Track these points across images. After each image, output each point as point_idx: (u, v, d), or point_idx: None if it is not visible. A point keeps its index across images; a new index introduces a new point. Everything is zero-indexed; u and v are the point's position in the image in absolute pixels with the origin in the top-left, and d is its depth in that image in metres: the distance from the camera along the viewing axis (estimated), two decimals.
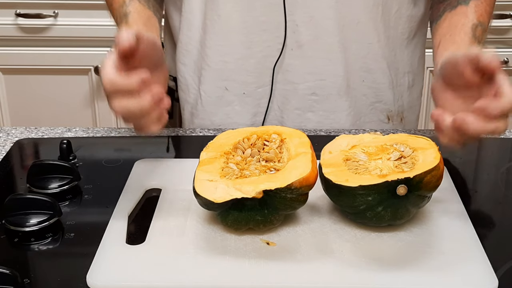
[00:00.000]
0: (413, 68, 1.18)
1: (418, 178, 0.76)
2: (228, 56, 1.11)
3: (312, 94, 1.13)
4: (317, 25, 1.08)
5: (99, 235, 0.80)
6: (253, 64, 1.11)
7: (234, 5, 1.08)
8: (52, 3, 2.03)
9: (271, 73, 1.11)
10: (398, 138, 0.87)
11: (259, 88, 1.13)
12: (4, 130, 1.13)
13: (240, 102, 1.14)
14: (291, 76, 1.12)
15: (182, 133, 1.14)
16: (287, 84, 1.12)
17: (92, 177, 0.96)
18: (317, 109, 1.14)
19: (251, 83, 1.13)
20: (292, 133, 0.87)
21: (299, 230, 0.81)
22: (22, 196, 0.85)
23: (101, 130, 1.13)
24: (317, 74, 1.12)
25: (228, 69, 1.12)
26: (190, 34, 1.13)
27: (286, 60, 1.11)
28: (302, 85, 1.12)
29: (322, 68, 1.11)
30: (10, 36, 2.06)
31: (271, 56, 1.10)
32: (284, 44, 1.09)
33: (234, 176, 0.81)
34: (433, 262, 0.75)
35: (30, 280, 0.74)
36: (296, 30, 1.08)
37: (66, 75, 2.12)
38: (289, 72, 1.11)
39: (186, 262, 0.75)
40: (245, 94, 1.14)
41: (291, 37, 1.09)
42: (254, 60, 1.11)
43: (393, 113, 1.18)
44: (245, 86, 1.13)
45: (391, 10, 1.11)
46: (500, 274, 0.75)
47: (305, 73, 1.11)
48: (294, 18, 1.07)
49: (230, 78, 1.13)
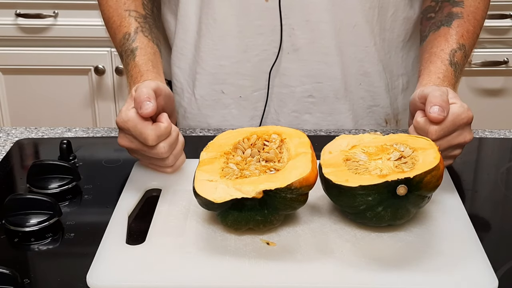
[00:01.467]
0: (407, 70, 1.19)
1: (418, 178, 0.76)
2: (223, 60, 1.11)
3: (309, 97, 1.13)
4: (313, 29, 1.08)
5: (99, 235, 0.80)
6: (249, 68, 1.11)
7: (229, 9, 1.08)
8: (52, 3, 2.03)
9: (267, 77, 1.12)
10: (398, 138, 0.87)
11: (256, 92, 1.13)
12: (4, 130, 1.13)
13: (237, 105, 1.15)
14: (288, 80, 1.12)
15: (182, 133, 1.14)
16: (284, 87, 1.12)
17: (92, 177, 0.96)
18: (314, 111, 1.14)
19: (248, 86, 1.13)
20: (292, 133, 0.87)
21: (299, 230, 0.81)
22: (22, 196, 0.85)
23: (101, 130, 1.13)
24: (314, 77, 1.12)
25: (224, 73, 1.12)
26: (185, 38, 1.13)
27: (282, 63, 1.11)
28: (298, 88, 1.12)
29: (318, 71, 1.11)
30: (10, 36, 2.06)
31: (267, 60, 1.10)
32: (280, 48, 1.09)
33: (234, 176, 0.81)
34: (433, 262, 0.75)
35: (30, 280, 0.74)
36: (292, 33, 1.08)
37: (66, 75, 2.11)
38: (286, 75, 1.12)
39: (186, 262, 0.75)
40: (242, 97, 1.14)
41: (287, 41, 1.09)
42: (250, 64, 1.11)
43: (390, 116, 1.19)
44: (241, 90, 1.13)
45: (387, 12, 1.11)
46: (500, 274, 0.75)
47: (302, 76, 1.12)
48: (290, 21, 1.07)
49: (227, 81, 1.13)
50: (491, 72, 2.10)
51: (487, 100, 2.16)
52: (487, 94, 2.15)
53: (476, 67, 2.08)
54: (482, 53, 2.06)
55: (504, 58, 2.08)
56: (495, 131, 1.14)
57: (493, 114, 2.15)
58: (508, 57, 2.08)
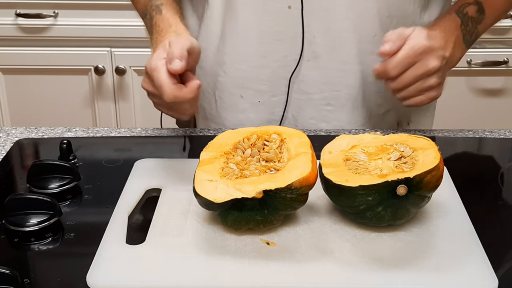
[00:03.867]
0: None
1: (418, 178, 0.76)
2: (243, 64, 1.12)
3: (327, 105, 1.13)
4: (334, 37, 1.08)
5: (99, 235, 0.80)
6: (268, 73, 1.11)
7: (251, 13, 1.08)
8: (52, 3, 2.03)
9: (286, 83, 1.12)
10: (398, 138, 0.87)
11: (274, 97, 1.13)
12: (4, 130, 1.13)
13: (254, 109, 1.14)
14: (306, 86, 1.12)
15: (182, 133, 1.14)
16: (302, 93, 1.12)
17: (92, 177, 0.96)
18: (331, 119, 1.14)
19: (266, 92, 1.13)
20: (292, 133, 0.87)
21: (299, 230, 0.81)
22: (22, 196, 0.85)
23: (101, 130, 1.13)
24: (332, 85, 1.12)
25: (243, 77, 1.12)
26: (209, 39, 1.13)
27: (302, 70, 1.11)
28: (317, 95, 1.12)
29: (337, 79, 1.11)
30: (10, 36, 2.06)
31: (287, 66, 1.10)
32: (301, 55, 1.09)
33: (234, 176, 0.81)
34: (433, 262, 0.75)
35: (30, 280, 0.74)
36: (312, 41, 1.08)
37: (66, 75, 2.11)
38: (304, 82, 1.12)
39: (186, 262, 0.75)
40: (260, 102, 1.14)
41: (307, 48, 1.09)
42: (269, 69, 1.11)
43: (401, 118, 1.19)
44: (260, 95, 1.13)
45: (407, 21, 1.10)
46: (500, 274, 0.75)
47: (320, 83, 1.12)
48: (311, 29, 1.07)
49: (245, 85, 1.13)
50: (491, 72, 2.10)
51: (487, 100, 2.16)
52: (487, 94, 2.15)
53: (476, 67, 2.08)
54: (482, 53, 2.06)
55: (504, 58, 2.08)
56: (495, 131, 1.14)
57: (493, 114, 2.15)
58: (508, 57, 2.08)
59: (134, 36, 2.03)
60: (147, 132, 1.13)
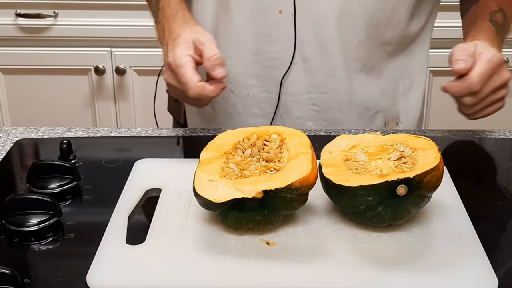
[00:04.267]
0: (409, 74, 1.19)
1: (418, 178, 0.76)
2: (235, 61, 1.12)
3: (313, 105, 1.15)
4: (322, 43, 1.09)
5: (99, 235, 0.80)
6: (258, 70, 1.13)
7: (245, 12, 1.09)
8: (52, 3, 2.03)
9: (277, 84, 1.13)
10: (398, 138, 0.87)
11: (263, 93, 1.14)
12: (4, 130, 1.13)
13: (243, 103, 1.15)
14: (294, 88, 1.13)
15: (182, 133, 1.14)
16: (290, 95, 1.14)
17: (92, 177, 0.96)
18: (317, 118, 1.16)
19: (255, 86, 1.14)
20: (292, 133, 0.87)
21: (299, 230, 0.81)
22: (22, 196, 0.85)
23: (101, 130, 1.13)
24: (319, 87, 1.13)
25: (234, 72, 1.13)
26: None
27: (292, 73, 1.12)
28: (304, 96, 1.13)
29: (324, 83, 1.13)
30: (10, 36, 2.06)
31: (277, 67, 1.12)
32: (292, 59, 1.10)
33: (234, 176, 0.81)
34: (433, 262, 0.75)
35: (30, 280, 0.74)
36: (302, 46, 1.09)
37: (66, 75, 2.11)
38: (292, 83, 1.13)
39: (186, 262, 0.75)
40: (249, 95, 1.15)
41: (297, 52, 1.10)
42: (260, 66, 1.12)
43: (388, 118, 1.19)
44: (248, 88, 1.14)
45: (395, 29, 1.11)
46: (500, 274, 0.75)
47: (308, 86, 1.13)
48: (301, 34, 1.08)
49: (236, 81, 1.14)
50: None
51: None
52: None
53: None
54: None
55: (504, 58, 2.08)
56: (495, 131, 1.14)
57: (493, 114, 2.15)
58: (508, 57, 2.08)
59: (134, 36, 2.03)
60: (147, 132, 1.13)
